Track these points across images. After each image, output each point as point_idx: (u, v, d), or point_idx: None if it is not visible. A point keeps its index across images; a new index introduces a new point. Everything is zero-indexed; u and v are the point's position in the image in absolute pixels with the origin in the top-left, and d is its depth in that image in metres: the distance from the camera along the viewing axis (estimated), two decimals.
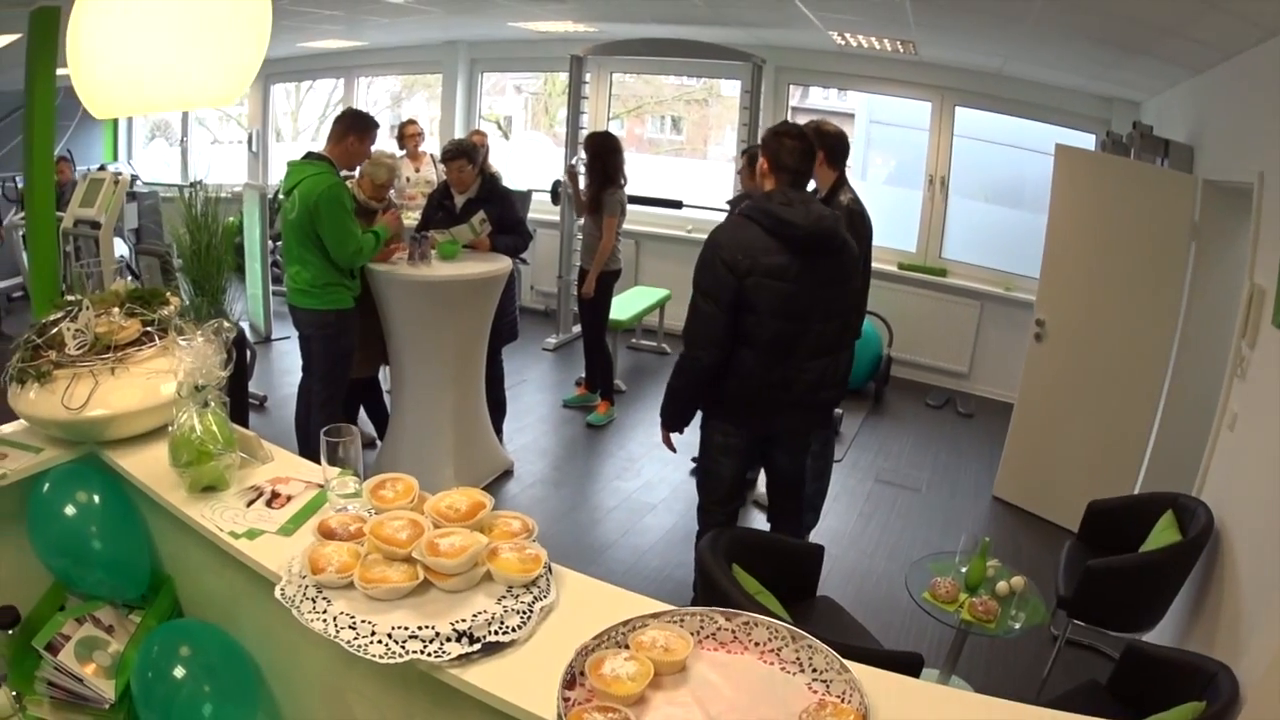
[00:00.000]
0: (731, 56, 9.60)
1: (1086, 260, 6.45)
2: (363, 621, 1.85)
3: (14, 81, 14.06)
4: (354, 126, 6.04)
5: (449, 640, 1.81)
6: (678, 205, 10.51)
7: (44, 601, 2.79)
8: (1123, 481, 5.97)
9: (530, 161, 12.82)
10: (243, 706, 2.43)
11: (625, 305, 9.42)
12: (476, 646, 1.81)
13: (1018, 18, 6.05)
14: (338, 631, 1.84)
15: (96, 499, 2.67)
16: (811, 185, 5.07)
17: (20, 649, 2.61)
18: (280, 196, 6.34)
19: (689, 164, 13.03)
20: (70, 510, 2.64)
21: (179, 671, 2.36)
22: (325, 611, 1.90)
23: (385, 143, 9.26)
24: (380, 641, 1.81)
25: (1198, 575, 4.39)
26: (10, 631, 2.66)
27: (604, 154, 7.93)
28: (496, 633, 1.84)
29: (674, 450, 4.97)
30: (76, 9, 2.24)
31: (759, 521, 6.29)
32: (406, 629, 1.83)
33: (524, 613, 1.88)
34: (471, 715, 1.85)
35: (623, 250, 8.54)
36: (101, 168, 13.78)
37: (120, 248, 9.43)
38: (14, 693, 2.61)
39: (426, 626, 1.83)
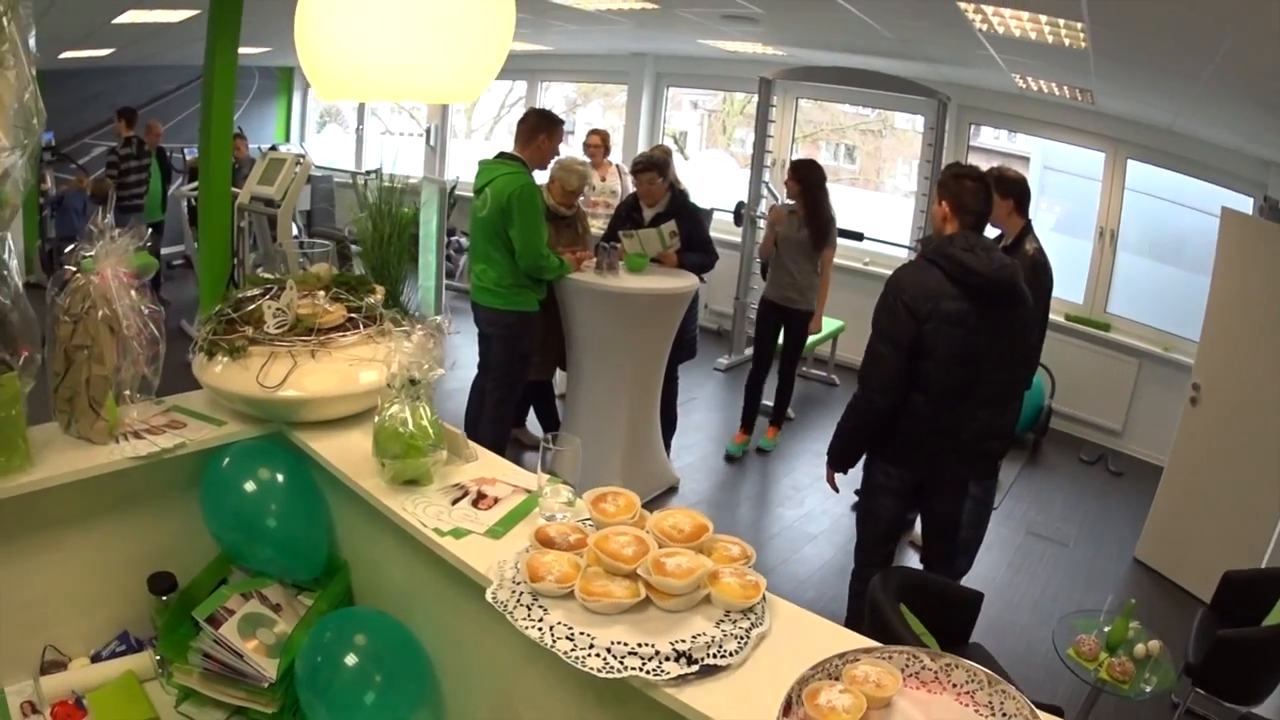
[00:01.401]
0: (917, 92, 9.44)
1: (1248, 328, 6.24)
2: (581, 634, 1.81)
3: (185, 56, 14.39)
4: (542, 125, 6.05)
5: (668, 659, 1.76)
6: (859, 237, 10.29)
7: (206, 573, 2.80)
8: (1257, 554, 5.79)
9: (709, 179, 12.74)
10: (408, 699, 2.41)
11: None
12: (694, 668, 1.75)
13: (1193, 74, 5.93)
14: (554, 641, 1.80)
15: (280, 478, 2.67)
16: (993, 231, 5.00)
17: (176, 617, 2.63)
18: (453, 191, 6.36)
19: (863, 195, 12.90)
20: (250, 486, 2.64)
21: (351, 659, 2.36)
22: (541, 620, 1.86)
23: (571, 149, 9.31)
24: (599, 655, 1.77)
25: None
26: (165, 598, 2.69)
27: (817, 184, 7.51)
28: (714, 656, 1.78)
29: (836, 490, 4.95)
30: None
31: (912, 562, 6.20)
32: (626, 645, 1.78)
33: (741, 638, 1.83)
34: None
35: None
36: (273, 148, 14.05)
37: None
38: (158, 657, 2.64)
39: (646, 644, 1.79)
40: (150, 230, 2.70)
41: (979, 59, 7.77)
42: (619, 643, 1.79)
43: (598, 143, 9.36)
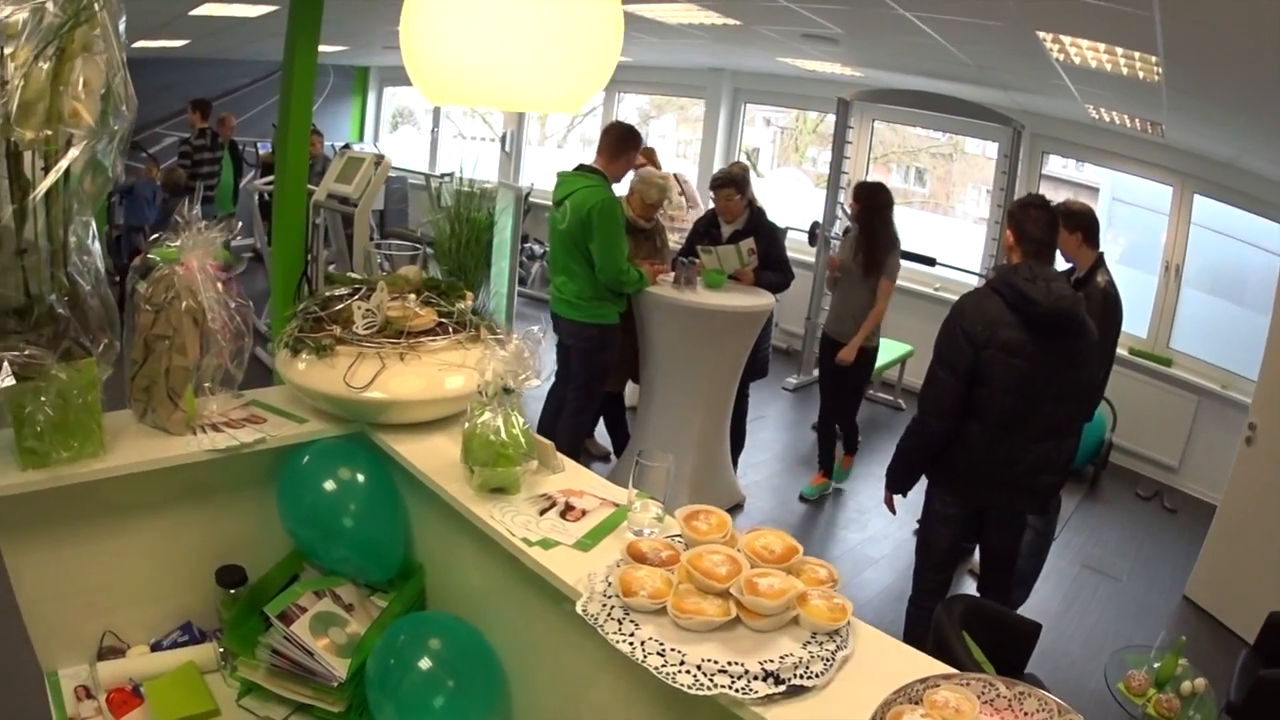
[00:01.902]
0: (993, 118, 9.41)
1: None
2: (671, 650, 1.80)
3: (260, 52, 14.48)
4: (629, 141, 6.09)
5: (756, 679, 1.74)
6: (931, 262, 10.17)
7: (277, 569, 2.80)
8: None
9: (783, 197, 12.71)
10: (479, 705, 2.41)
11: None
12: (782, 688, 1.74)
13: (1264, 109, 5.91)
14: (645, 656, 1.80)
15: (360, 478, 2.67)
16: (1065, 264, 5.00)
17: (244, 611, 2.62)
18: (527, 198, 6.39)
19: (932, 218, 12.83)
20: (330, 485, 2.64)
21: (424, 662, 2.36)
22: (633, 635, 1.85)
23: None
24: (689, 672, 1.76)
25: None
26: (233, 591, 2.68)
27: (879, 208, 7.06)
28: (801, 676, 1.76)
29: (894, 512, 5.00)
30: None
31: (969, 589, 6.20)
32: (716, 663, 1.77)
33: (827, 660, 1.82)
34: None
35: None
36: (345, 146, 14.11)
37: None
38: (221, 649, 2.64)
39: (736, 663, 1.77)
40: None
41: (1053, 88, 7.76)
42: (709, 660, 1.78)
43: (643, 162, 9.37)
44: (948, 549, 4.80)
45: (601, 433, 7.39)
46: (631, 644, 1.84)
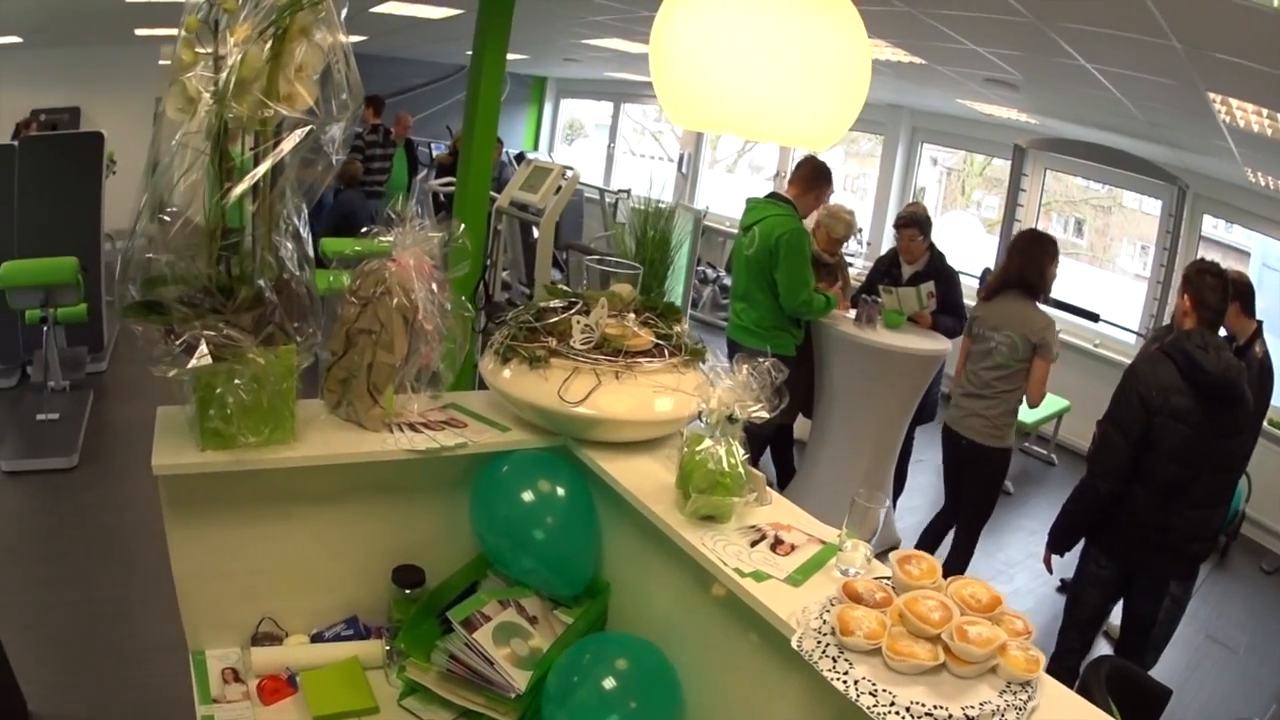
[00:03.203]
0: (1159, 175, 9.19)
1: None
2: (883, 690, 1.76)
3: (437, 54, 14.55)
4: (822, 177, 5.97)
5: None
6: (1095, 318, 9.70)
7: (460, 574, 2.71)
8: None
9: (954, 240, 12.27)
10: None
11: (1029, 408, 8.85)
12: None
13: None
14: (858, 696, 1.76)
15: (560, 492, 2.58)
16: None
17: (421, 613, 2.53)
18: (704, 223, 6.28)
19: (1089, 270, 12.44)
20: (528, 496, 2.55)
21: (609, 682, 2.28)
22: (847, 674, 1.81)
23: None
24: (899, 713, 1.72)
25: None
26: (409, 591, 2.60)
27: (1040, 260, 5.27)
28: None
29: (1050, 571, 4.96)
30: (670, 6, 2.14)
31: (1103, 649, 5.94)
32: (923, 705, 1.73)
33: (1020, 709, 1.77)
34: None
35: None
36: (520, 155, 14.11)
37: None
38: (388, 648, 2.55)
39: (941, 707, 1.73)
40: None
41: (1216, 148, 7.60)
42: (917, 703, 1.74)
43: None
44: (1096, 609, 4.75)
45: (766, 462, 7.18)
46: (845, 682, 1.81)
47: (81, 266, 7.08)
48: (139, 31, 11.04)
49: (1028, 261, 5.28)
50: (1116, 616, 5.06)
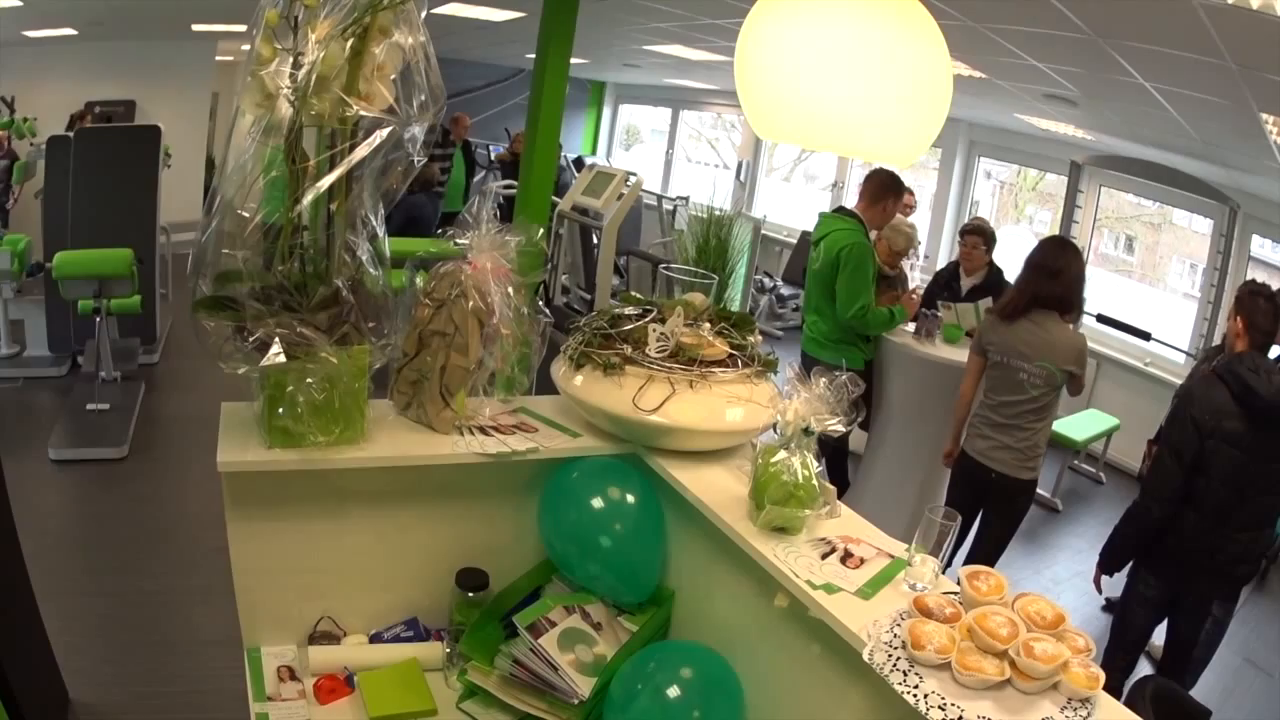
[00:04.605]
0: (1211, 194, 9.07)
1: None
2: (951, 704, 1.75)
3: (496, 56, 14.52)
4: (891, 189, 5.88)
5: None
6: (1146, 337, 9.40)
7: (525, 578, 2.69)
8: None
9: (1010, 255, 12.13)
10: None
11: (1078, 425, 8.78)
12: None
13: None
14: (928, 709, 1.75)
15: (630, 499, 2.54)
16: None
17: (486, 617, 2.50)
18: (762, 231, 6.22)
19: (1138, 288, 12.25)
20: (598, 503, 2.51)
21: (674, 690, 2.24)
22: (917, 687, 1.80)
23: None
24: None
25: None
26: (471, 594, 2.55)
27: (1078, 272, 4.85)
28: None
29: (1100, 592, 4.99)
30: (759, 13, 2.11)
31: (1144, 669, 5.85)
32: None
33: None
34: None
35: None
36: (579, 159, 14.05)
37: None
38: (448, 650, 2.52)
39: None
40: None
41: (1266, 169, 7.54)
42: (983, 717, 1.73)
43: (912, 203, 9.12)
44: (1141, 630, 4.72)
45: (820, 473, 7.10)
46: (915, 696, 1.80)
47: (137, 258, 7.08)
48: (196, 27, 11.05)
49: (1060, 274, 4.77)
50: (1158, 636, 4.96)
